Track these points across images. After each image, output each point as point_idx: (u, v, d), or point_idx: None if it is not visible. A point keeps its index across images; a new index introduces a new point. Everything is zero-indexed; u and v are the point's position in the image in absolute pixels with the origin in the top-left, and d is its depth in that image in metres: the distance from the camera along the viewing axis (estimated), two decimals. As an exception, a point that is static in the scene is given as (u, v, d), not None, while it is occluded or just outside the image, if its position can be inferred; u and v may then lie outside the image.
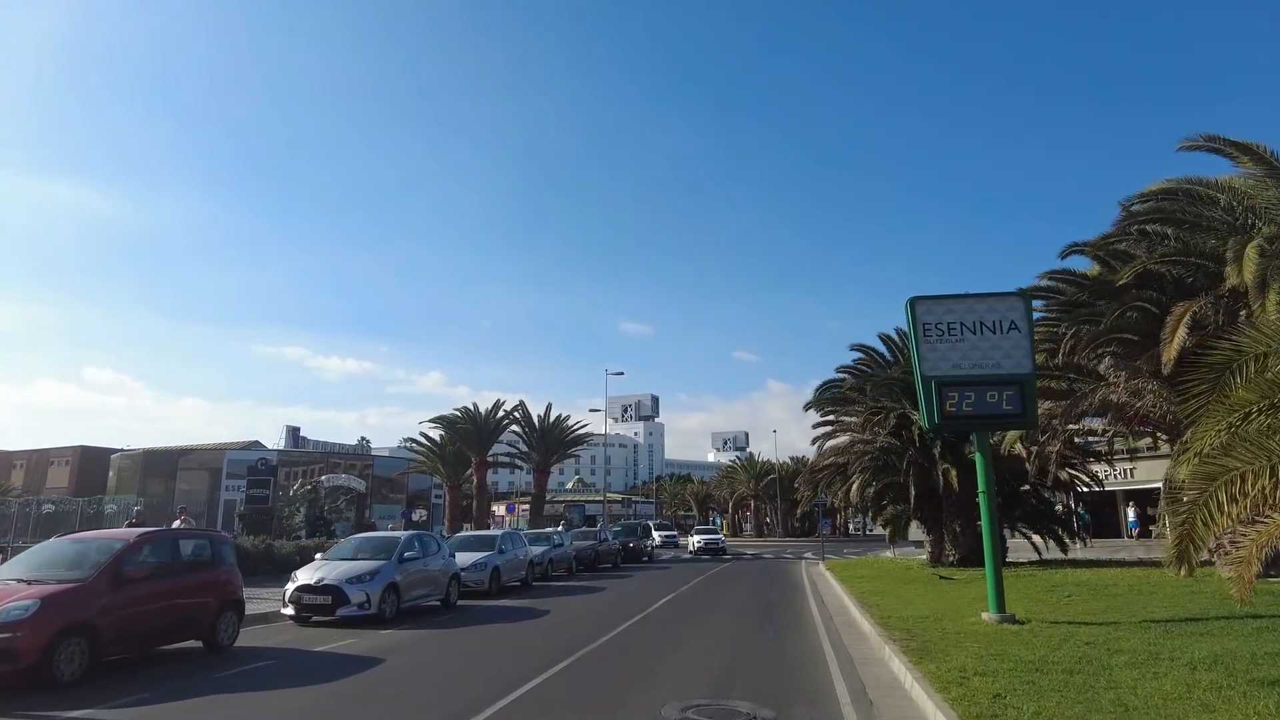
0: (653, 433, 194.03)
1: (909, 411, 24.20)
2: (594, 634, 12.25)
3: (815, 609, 15.95)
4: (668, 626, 13.60)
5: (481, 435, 41.48)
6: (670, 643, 11.78)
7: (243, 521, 27.85)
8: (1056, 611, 13.06)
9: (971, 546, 24.76)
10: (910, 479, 23.78)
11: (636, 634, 12.59)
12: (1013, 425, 13.85)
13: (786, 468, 73.07)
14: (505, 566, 20.03)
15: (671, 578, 25.04)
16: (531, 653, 10.65)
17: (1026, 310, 13.02)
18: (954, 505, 24.91)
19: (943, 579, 20.04)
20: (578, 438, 44.47)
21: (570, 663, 9.77)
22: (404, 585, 14.62)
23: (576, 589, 21.19)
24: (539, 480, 43.67)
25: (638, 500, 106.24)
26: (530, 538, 26.20)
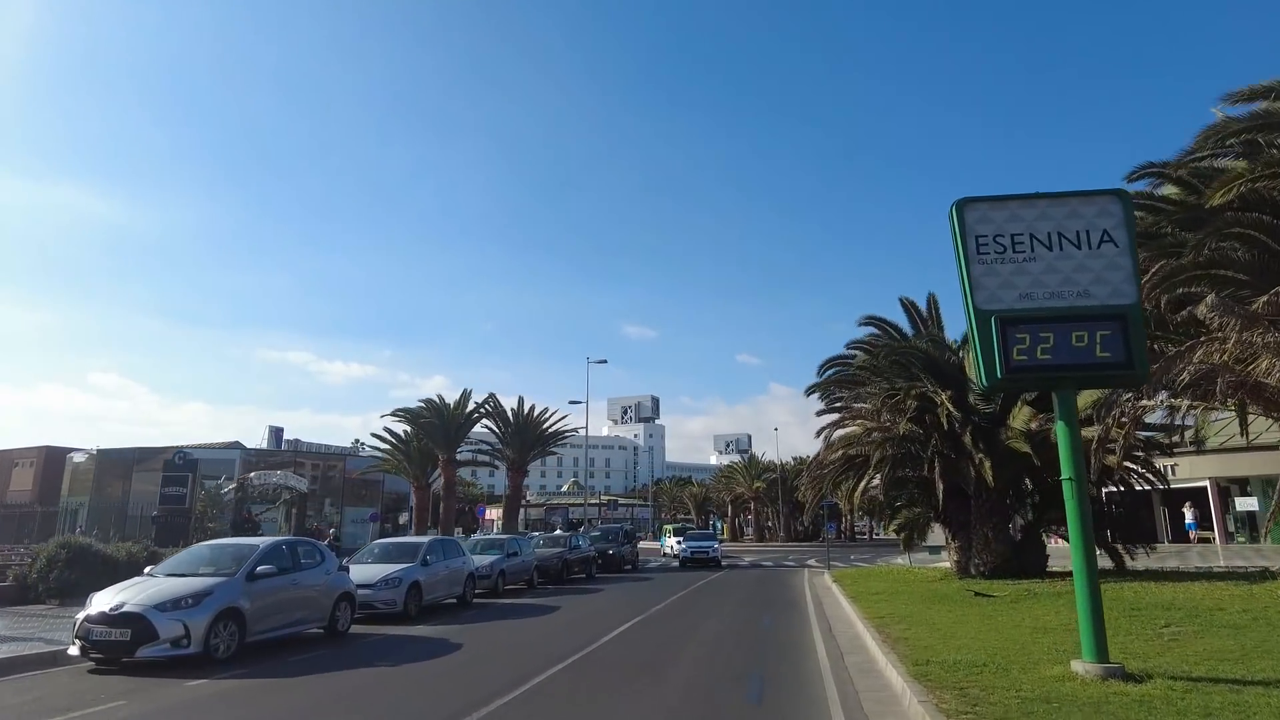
0: (653, 435, 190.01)
1: (933, 392, 20.12)
2: (501, 687, 8.24)
3: (820, 643, 11.88)
4: (610, 676, 9.55)
5: (448, 430, 37.41)
6: (602, 710, 7.74)
7: (155, 525, 23.79)
8: (1169, 655, 8.99)
9: (1005, 554, 20.70)
10: (936, 473, 19.68)
11: (562, 689, 8.54)
12: (1113, 378, 9.74)
13: (789, 468, 68.98)
14: (430, 582, 16.00)
15: (647, 593, 20.97)
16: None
17: (1126, 214, 8.95)
18: (986, 505, 20.82)
19: (979, 596, 15.97)
20: (557, 433, 40.31)
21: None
22: (254, 611, 10.62)
23: (525, 609, 17.15)
24: (514, 480, 39.52)
25: (636, 504, 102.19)
26: (484, 545, 22.19)
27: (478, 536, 25.31)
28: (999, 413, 20.06)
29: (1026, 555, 21.21)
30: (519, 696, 8.02)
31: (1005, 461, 19.41)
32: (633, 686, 8.70)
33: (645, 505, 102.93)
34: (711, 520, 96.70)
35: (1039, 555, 21.52)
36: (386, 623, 14.48)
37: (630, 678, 9.23)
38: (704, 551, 33.11)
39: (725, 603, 18.17)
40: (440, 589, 16.66)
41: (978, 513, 21.01)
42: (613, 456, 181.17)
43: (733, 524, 78.44)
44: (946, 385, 20.54)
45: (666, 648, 11.59)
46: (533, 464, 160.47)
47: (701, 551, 33.13)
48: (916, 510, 24.64)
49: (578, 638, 12.42)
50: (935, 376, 21.10)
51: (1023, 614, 13.03)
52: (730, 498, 74.48)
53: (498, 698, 7.89)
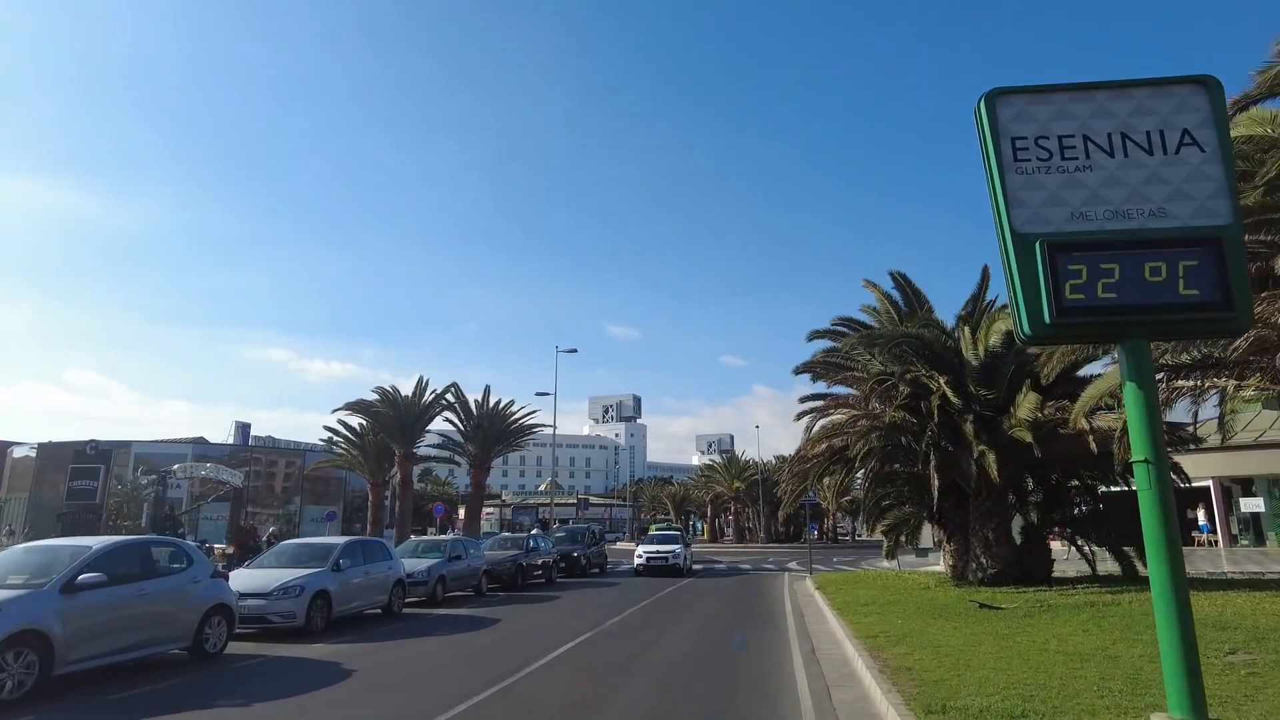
0: (634, 434, 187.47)
1: (927, 376, 17.92)
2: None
3: (801, 670, 9.58)
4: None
5: (404, 423, 34.81)
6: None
7: (61, 522, 21.14)
8: (1264, 700, 6.76)
9: (1008, 559, 18.53)
10: (931, 467, 17.45)
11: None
12: (1202, 324, 7.33)
13: (770, 467, 66.85)
14: (344, 591, 13.56)
15: (609, 602, 18.61)
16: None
17: (1215, 109, 6.66)
18: (987, 503, 18.65)
19: (984, 608, 13.76)
20: (523, 428, 37.76)
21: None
22: (69, 634, 8.17)
23: (458, 623, 14.75)
24: (476, 478, 36.92)
25: (613, 504, 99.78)
26: (424, 547, 19.74)
27: (421, 538, 22.80)
28: (1002, 400, 17.88)
29: (1030, 560, 19.06)
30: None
31: (1009, 455, 17.23)
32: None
33: (624, 505, 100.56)
34: (691, 521, 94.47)
35: (1043, 560, 19.37)
36: (283, 640, 12.04)
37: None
38: (663, 557, 27.29)
39: (694, 614, 15.84)
40: (359, 598, 14.21)
41: (977, 512, 18.84)
42: (593, 456, 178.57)
43: (712, 525, 76.22)
44: (943, 369, 18.38)
45: (610, 678, 9.25)
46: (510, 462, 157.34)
47: (660, 557, 27.33)
48: (906, 510, 22.44)
49: (505, 662, 10.05)
50: (930, 360, 18.94)
51: (1043, 633, 10.80)
52: (710, 498, 72.20)
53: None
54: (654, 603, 18.09)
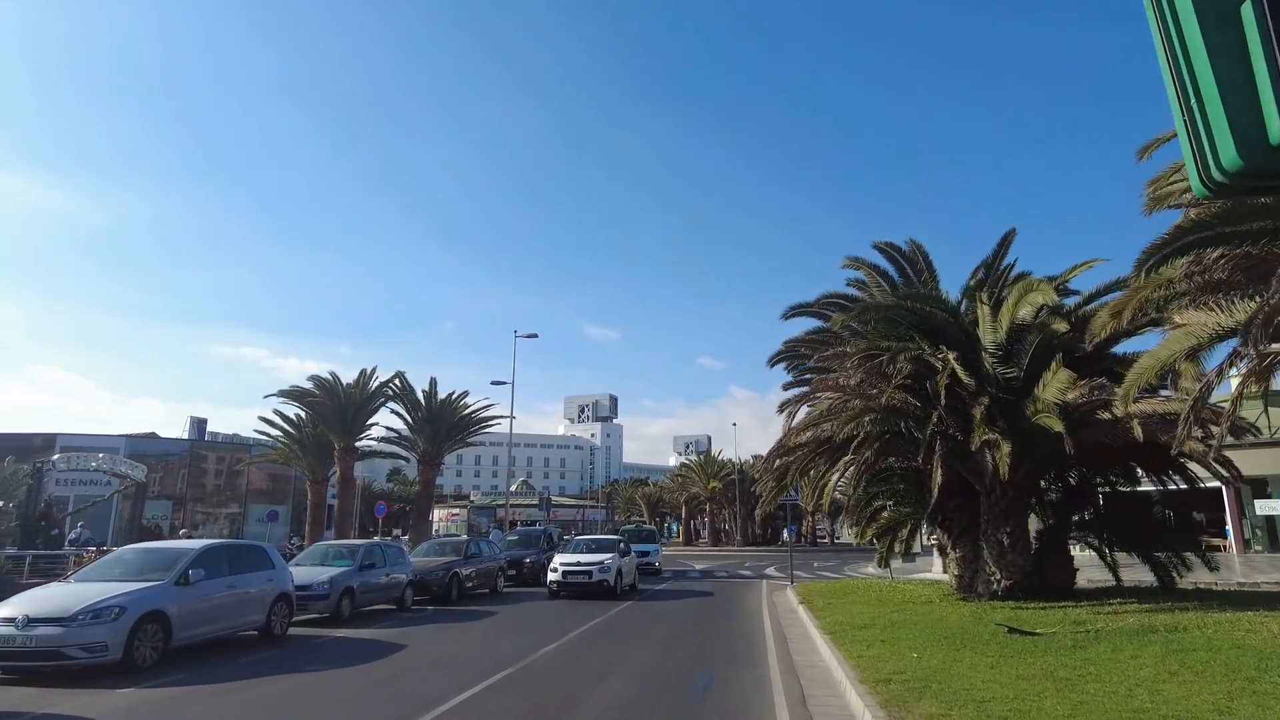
0: (610, 434, 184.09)
1: (932, 353, 15.04)
2: None
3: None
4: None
5: (345, 415, 31.43)
6: None
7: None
8: None
9: (1025, 568, 15.72)
10: (937, 459, 14.53)
11: None
12: None
13: (748, 467, 64.05)
14: (189, 612, 10.34)
15: (552, 620, 15.53)
16: None
17: None
18: (1002, 502, 15.83)
19: (1014, 633, 10.87)
20: (477, 421, 34.44)
21: None
22: None
23: (351, 649, 11.62)
24: (425, 475, 33.51)
25: (586, 505, 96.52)
26: (335, 552, 16.55)
27: (334, 542, 19.52)
28: (1023, 379, 15.04)
29: (1049, 569, 16.27)
30: None
31: (1030, 445, 14.38)
32: None
33: (598, 507, 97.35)
34: (666, 523, 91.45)
35: (1065, 569, 16.59)
36: (84, 682, 8.82)
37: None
38: (583, 573, 19.00)
39: (650, 638, 12.78)
40: (219, 619, 11.01)
41: (989, 513, 15.99)
42: (568, 456, 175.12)
43: (687, 527, 73.25)
44: (950, 345, 15.55)
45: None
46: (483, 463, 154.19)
47: (580, 574, 19.02)
48: (903, 510, 19.57)
49: (378, 715, 6.95)
50: (933, 334, 16.10)
51: (1117, 675, 7.90)
52: (685, 499, 69.25)
53: None
54: (607, 621, 15.03)
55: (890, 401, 15.06)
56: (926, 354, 15.25)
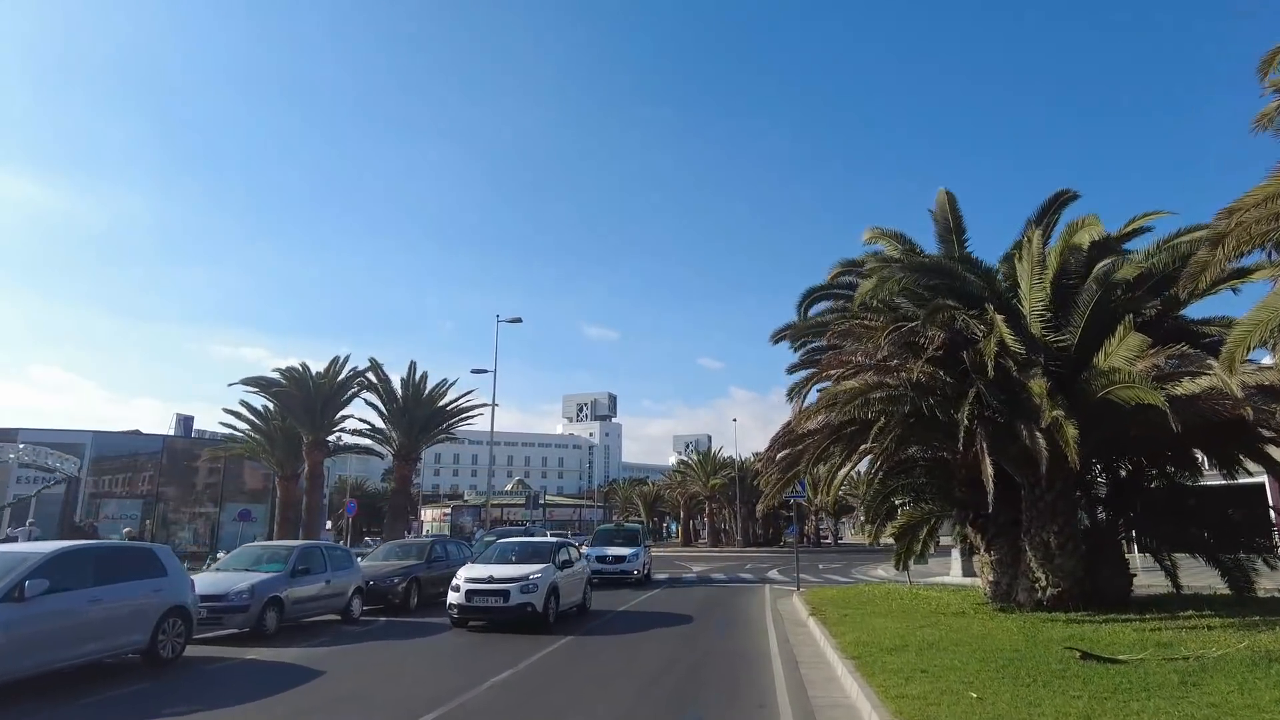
0: (609, 433, 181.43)
1: (974, 316, 12.66)
2: None
3: None
4: None
5: (313, 406, 29.03)
6: None
7: None
8: None
9: (1077, 573, 13.30)
10: (980, 446, 12.10)
11: None
12: None
13: (748, 465, 61.64)
14: (14, 641, 7.92)
15: (518, 634, 13.12)
16: None
17: None
18: (1049, 495, 13.44)
19: (1090, 659, 8.47)
20: (458, 412, 31.94)
21: None
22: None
23: (248, 678, 9.31)
24: (401, 472, 31.03)
25: (583, 504, 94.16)
26: (270, 556, 14.14)
27: (271, 544, 17.09)
28: (1076, 348, 12.65)
29: (1102, 574, 13.87)
30: None
31: (1089, 427, 11.96)
32: None
33: (595, 506, 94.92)
34: (665, 523, 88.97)
35: (1119, 574, 14.19)
36: None
37: None
38: (498, 594, 13.12)
39: (627, 672, 10.39)
40: (71, 645, 8.61)
41: (1034, 509, 13.60)
42: (566, 456, 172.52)
43: (686, 527, 70.80)
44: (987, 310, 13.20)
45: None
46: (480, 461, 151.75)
47: (493, 594, 13.15)
48: (926, 508, 17.19)
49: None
50: (968, 300, 13.74)
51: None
52: (684, 498, 66.76)
53: None
54: (576, 642, 12.65)
55: (919, 378, 12.65)
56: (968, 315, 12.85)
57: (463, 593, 13.22)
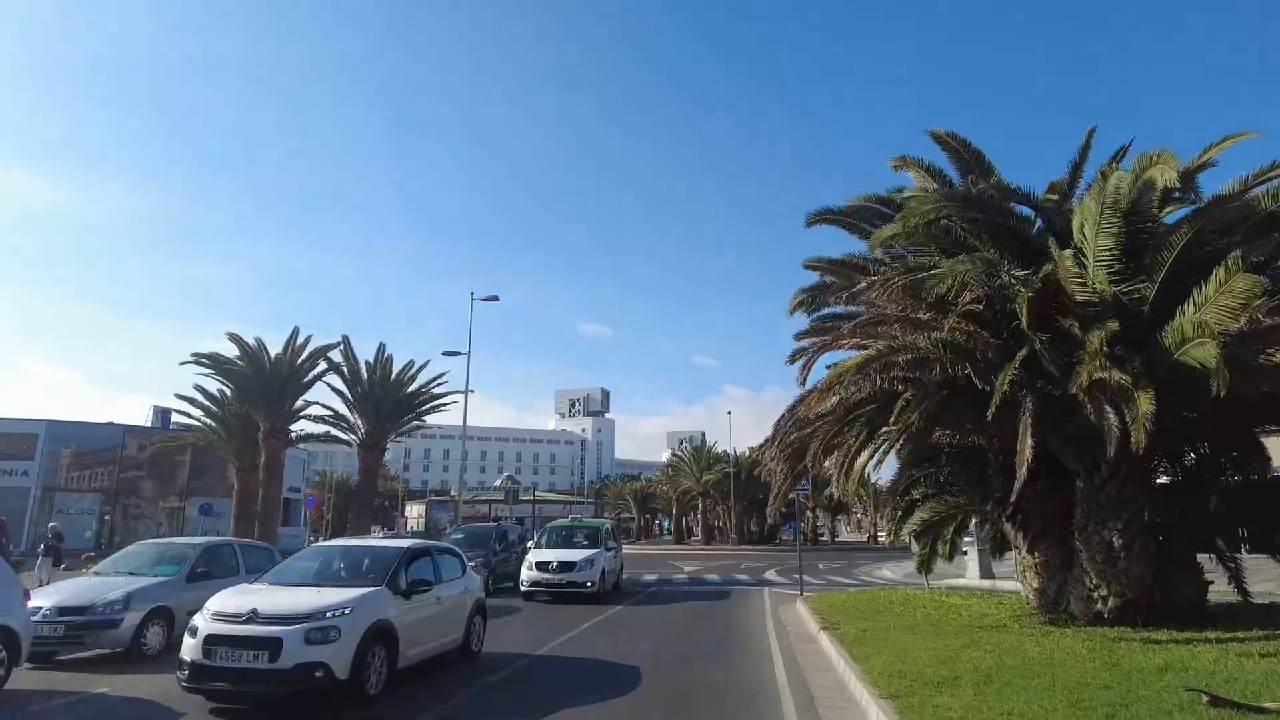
0: (602, 429, 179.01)
1: (1017, 274, 10.30)
2: None
3: None
4: None
5: (270, 388, 26.54)
6: None
7: None
8: None
9: (1146, 580, 10.97)
10: (1026, 423, 9.69)
11: None
12: None
13: (743, 460, 59.35)
14: None
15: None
16: None
17: None
18: (1110, 486, 11.08)
19: (1219, 705, 6.11)
20: (430, 398, 29.41)
21: None
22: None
23: None
24: (366, 462, 28.46)
25: (573, 501, 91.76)
26: (172, 555, 11.67)
27: (179, 539, 14.62)
28: (1154, 301, 10.28)
29: (1172, 581, 11.53)
30: None
31: (1172, 395, 9.57)
32: None
33: (585, 503, 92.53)
34: (658, 520, 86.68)
35: (1192, 581, 11.84)
36: None
37: None
38: (258, 646, 7.06)
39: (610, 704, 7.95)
40: None
41: (1093, 501, 11.24)
42: (558, 452, 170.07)
43: (679, 524, 68.42)
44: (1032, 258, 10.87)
45: None
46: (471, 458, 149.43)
47: (248, 648, 7.08)
48: (953, 501, 14.79)
49: None
50: (1010, 247, 11.39)
51: None
52: (676, 494, 64.37)
53: None
54: (529, 668, 10.26)
55: (954, 333, 10.26)
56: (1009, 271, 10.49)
57: (199, 643, 7.14)
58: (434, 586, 9.00)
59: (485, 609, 10.63)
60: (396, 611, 8.11)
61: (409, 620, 8.31)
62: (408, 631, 8.21)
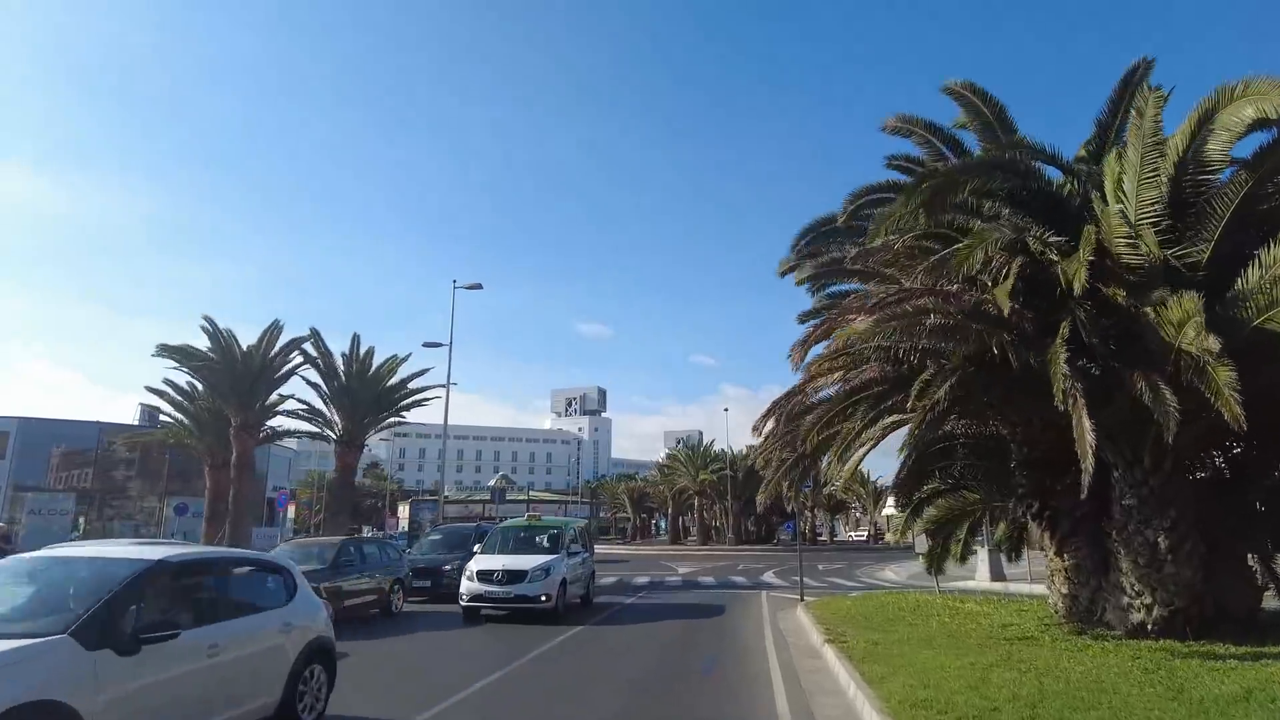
0: (599, 428, 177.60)
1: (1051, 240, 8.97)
2: None
3: None
4: None
5: (241, 382, 25.19)
6: None
7: None
8: None
9: (1197, 586, 9.65)
10: (1077, 400, 8.35)
11: None
12: None
13: (740, 458, 58.03)
14: None
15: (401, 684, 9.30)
16: None
17: None
18: (1155, 479, 9.74)
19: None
20: (410, 392, 27.96)
21: None
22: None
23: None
24: (343, 459, 27.02)
25: (567, 500, 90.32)
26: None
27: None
28: (1209, 261, 8.90)
29: (1220, 587, 10.19)
30: None
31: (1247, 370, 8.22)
32: None
33: (581, 503, 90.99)
34: (654, 520, 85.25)
35: (1243, 587, 10.52)
36: None
37: None
38: None
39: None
40: None
41: (1135, 498, 9.89)
42: (554, 451, 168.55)
43: (675, 524, 67.04)
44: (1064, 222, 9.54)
45: None
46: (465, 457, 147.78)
47: None
48: (966, 498, 13.46)
49: None
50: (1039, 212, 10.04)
51: None
52: (672, 493, 62.99)
53: None
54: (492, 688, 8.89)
55: (983, 306, 8.92)
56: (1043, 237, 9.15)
57: None
58: (205, 628, 5.53)
59: (331, 653, 6.98)
60: (90, 680, 4.53)
61: (130, 691, 4.76)
62: (121, 712, 4.69)
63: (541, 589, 13.74)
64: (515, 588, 13.76)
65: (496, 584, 13.89)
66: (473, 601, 14.08)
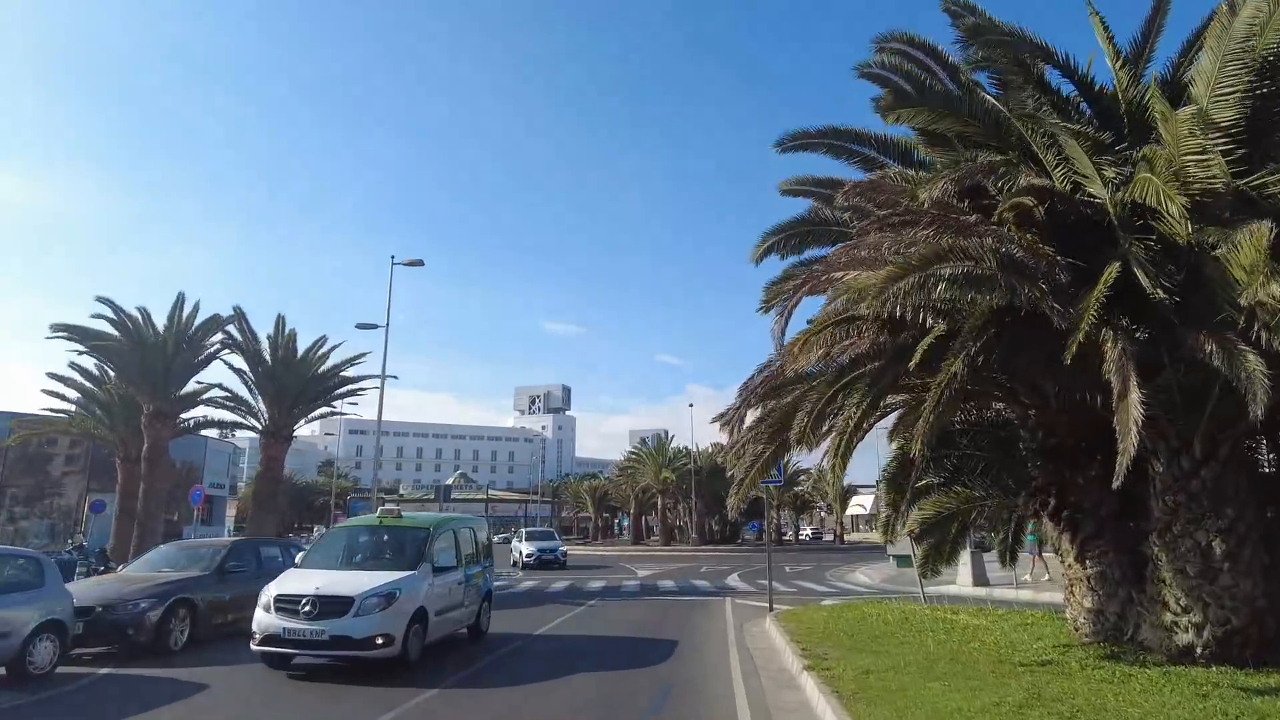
0: (563, 426, 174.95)
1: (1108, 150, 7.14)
2: None
3: None
4: None
5: (153, 366, 22.55)
6: None
7: None
8: None
9: (1258, 599, 7.87)
10: (1127, 366, 6.52)
11: None
12: None
13: (704, 456, 56.25)
14: None
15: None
16: None
17: None
18: (1204, 471, 7.94)
19: None
20: (343, 379, 25.45)
21: None
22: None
23: None
24: (269, 451, 24.35)
25: (529, 499, 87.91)
26: None
27: None
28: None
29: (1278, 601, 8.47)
30: None
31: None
32: None
33: (543, 502, 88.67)
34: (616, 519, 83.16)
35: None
36: None
37: None
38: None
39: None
40: None
41: (1180, 493, 8.08)
42: (517, 449, 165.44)
43: (637, 524, 65.06)
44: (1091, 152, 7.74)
45: None
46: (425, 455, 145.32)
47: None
48: (960, 494, 11.63)
49: None
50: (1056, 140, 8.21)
51: None
52: (635, 492, 60.94)
53: None
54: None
55: (1018, 253, 7.03)
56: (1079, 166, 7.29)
57: None
58: None
59: None
60: None
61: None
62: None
63: (376, 627, 8.76)
64: (332, 625, 8.72)
65: (304, 619, 8.76)
66: (267, 645, 8.92)
